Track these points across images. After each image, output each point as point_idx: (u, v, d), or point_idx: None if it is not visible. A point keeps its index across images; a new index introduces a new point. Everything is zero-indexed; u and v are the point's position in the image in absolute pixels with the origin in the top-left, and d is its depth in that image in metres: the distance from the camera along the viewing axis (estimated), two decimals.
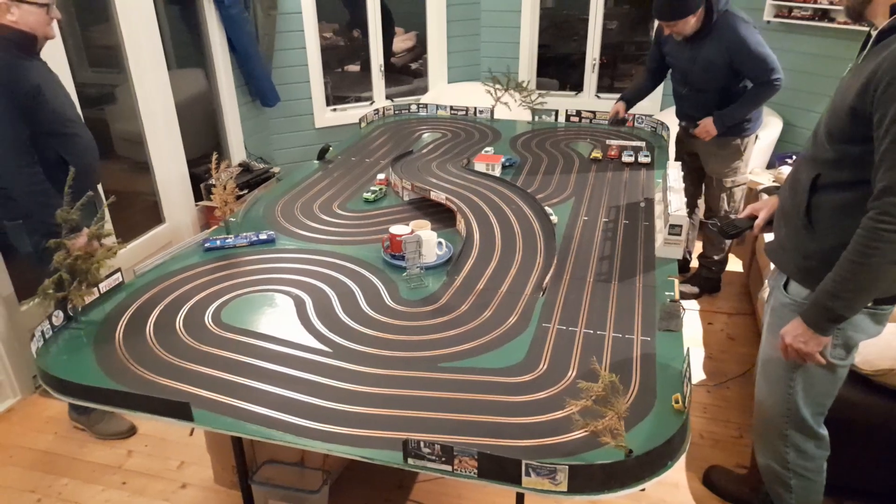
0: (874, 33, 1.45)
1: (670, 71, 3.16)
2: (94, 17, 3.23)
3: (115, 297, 1.84)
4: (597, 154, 2.95)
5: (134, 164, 3.55)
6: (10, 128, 2.05)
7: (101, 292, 1.82)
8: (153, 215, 3.62)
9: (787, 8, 3.86)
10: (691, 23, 2.77)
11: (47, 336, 1.64)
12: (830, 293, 1.45)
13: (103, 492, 2.30)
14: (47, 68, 2.21)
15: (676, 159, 3.28)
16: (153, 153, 3.52)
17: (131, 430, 2.57)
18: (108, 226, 1.74)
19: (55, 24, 2.19)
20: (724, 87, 2.91)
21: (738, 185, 3.16)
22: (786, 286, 1.66)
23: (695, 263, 3.60)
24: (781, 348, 1.60)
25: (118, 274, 1.89)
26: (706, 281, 3.45)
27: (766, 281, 1.80)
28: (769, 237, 1.75)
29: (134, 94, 3.35)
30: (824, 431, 1.75)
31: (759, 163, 3.83)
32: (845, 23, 3.54)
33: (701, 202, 3.45)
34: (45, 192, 2.12)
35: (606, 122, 3.35)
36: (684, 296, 3.39)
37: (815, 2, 3.71)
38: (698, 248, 3.57)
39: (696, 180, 3.32)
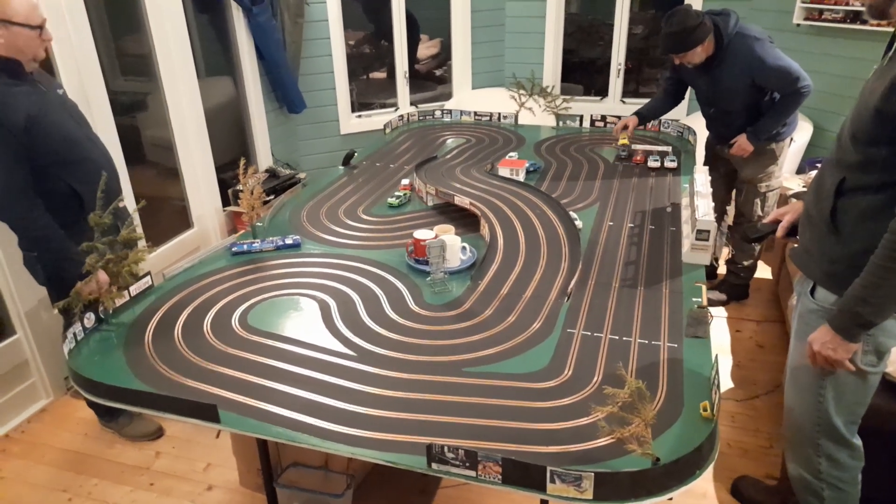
0: None
1: (694, 93, 3.12)
2: (127, 28, 3.31)
3: (145, 299, 1.88)
4: (624, 140, 2.92)
5: (164, 169, 3.62)
6: (4, 171, 1.91)
7: (132, 295, 1.85)
8: (182, 220, 3.68)
9: (818, 10, 3.80)
10: (699, 53, 2.74)
11: (79, 338, 1.68)
12: (859, 298, 1.42)
13: (132, 492, 2.34)
14: (41, 89, 2.03)
15: (706, 163, 3.24)
16: (182, 159, 3.58)
17: (159, 432, 2.61)
18: (139, 230, 1.76)
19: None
20: (751, 104, 2.87)
21: (773, 190, 3.10)
22: (812, 292, 1.63)
23: (722, 270, 3.54)
24: (809, 356, 1.57)
25: (148, 277, 1.92)
26: (734, 287, 3.39)
27: (794, 287, 1.77)
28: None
29: (164, 102, 3.42)
30: (858, 441, 1.71)
31: (788, 168, 3.76)
32: (878, 25, 3.47)
33: (730, 208, 3.40)
34: (47, 238, 2.02)
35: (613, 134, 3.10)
36: (711, 303, 3.34)
37: (847, 4, 3.65)
38: (725, 254, 3.52)
39: (726, 186, 3.28)
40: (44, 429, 2.69)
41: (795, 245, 1.72)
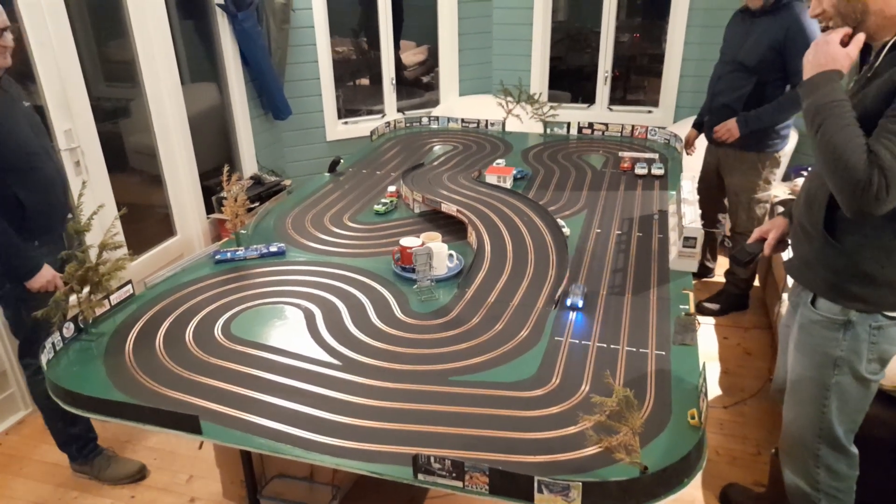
0: (873, 44, 1.46)
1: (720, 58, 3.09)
2: (110, 33, 3.27)
3: (126, 308, 1.84)
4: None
5: (147, 176, 3.57)
6: None
7: (112, 304, 1.82)
8: (165, 227, 3.64)
9: None
10: None
11: (58, 348, 1.64)
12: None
13: None
14: (8, 97, 2.01)
15: (701, 177, 3.27)
16: (166, 166, 3.54)
17: (141, 472, 2.41)
18: (120, 237, 1.72)
19: (8, 53, 1.95)
20: (762, 72, 2.84)
21: (759, 203, 3.11)
22: (813, 302, 1.63)
23: (720, 278, 3.56)
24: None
25: (129, 286, 1.89)
26: (732, 298, 3.39)
27: (785, 297, 1.77)
28: (785, 255, 1.73)
29: (148, 108, 3.38)
30: (855, 450, 1.71)
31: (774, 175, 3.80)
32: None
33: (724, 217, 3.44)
34: None
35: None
36: (706, 310, 3.34)
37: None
38: (724, 263, 3.54)
39: (716, 196, 3.31)
40: (22, 441, 2.64)
41: (789, 257, 1.72)
